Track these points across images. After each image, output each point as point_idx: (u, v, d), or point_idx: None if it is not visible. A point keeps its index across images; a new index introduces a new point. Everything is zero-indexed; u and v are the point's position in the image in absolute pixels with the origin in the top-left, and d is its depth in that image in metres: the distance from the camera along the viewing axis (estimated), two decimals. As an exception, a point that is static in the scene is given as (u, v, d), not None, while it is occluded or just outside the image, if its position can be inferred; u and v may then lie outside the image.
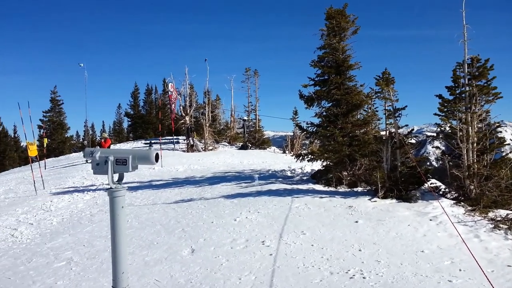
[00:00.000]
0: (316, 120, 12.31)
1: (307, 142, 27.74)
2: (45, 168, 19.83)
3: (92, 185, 13.13)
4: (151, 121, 55.15)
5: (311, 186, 10.83)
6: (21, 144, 61.64)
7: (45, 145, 24.73)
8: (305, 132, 12.80)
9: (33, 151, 14.55)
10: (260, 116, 34.88)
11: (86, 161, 19.05)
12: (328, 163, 11.54)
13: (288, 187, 10.55)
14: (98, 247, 6.45)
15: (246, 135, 31.17)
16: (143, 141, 35.37)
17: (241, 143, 31.01)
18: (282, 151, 28.48)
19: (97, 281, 4.98)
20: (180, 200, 9.64)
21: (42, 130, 44.40)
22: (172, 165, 17.12)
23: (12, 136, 62.66)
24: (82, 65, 28.79)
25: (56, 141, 49.26)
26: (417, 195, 8.85)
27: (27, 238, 7.51)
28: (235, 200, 9.08)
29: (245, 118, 33.11)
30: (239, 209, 8.19)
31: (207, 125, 27.96)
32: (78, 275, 5.24)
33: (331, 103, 12.02)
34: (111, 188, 3.81)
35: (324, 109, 12.12)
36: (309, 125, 12.38)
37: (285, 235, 6.35)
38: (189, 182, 12.40)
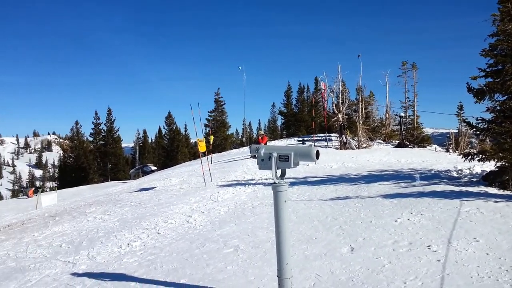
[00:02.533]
0: (488, 115, 10.97)
1: (474, 140, 25.01)
2: (211, 163, 21.90)
3: (252, 179, 14.00)
4: (303, 118, 56.64)
5: (482, 188, 9.70)
6: (191, 141, 69.84)
7: (211, 142, 27.38)
8: (474, 129, 11.51)
9: (202, 147, 16.18)
10: (418, 112, 32.81)
11: (254, 156, 20.40)
12: (504, 163, 10.17)
13: (455, 189, 9.62)
14: (261, 237, 6.85)
15: (403, 132, 29.57)
16: (296, 139, 36.37)
17: (398, 141, 29.54)
18: (444, 150, 26.21)
19: (262, 269, 5.27)
20: (336, 198, 9.61)
21: (208, 128, 49.23)
22: (325, 162, 17.21)
23: (183, 134, 71.29)
24: (240, 68, 31.41)
25: (219, 138, 54.31)
26: None
27: (200, 225, 8.39)
28: (395, 200, 8.66)
29: (402, 114, 31.47)
30: (399, 210, 7.79)
31: (361, 122, 27.36)
32: (244, 262, 5.64)
33: (506, 96, 10.58)
34: (274, 183, 4.00)
35: (497, 103, 10.72)
36: (480, 121, 11.10)
37: (454, 240, 5.80)
38: (344, 180, 12.29)
